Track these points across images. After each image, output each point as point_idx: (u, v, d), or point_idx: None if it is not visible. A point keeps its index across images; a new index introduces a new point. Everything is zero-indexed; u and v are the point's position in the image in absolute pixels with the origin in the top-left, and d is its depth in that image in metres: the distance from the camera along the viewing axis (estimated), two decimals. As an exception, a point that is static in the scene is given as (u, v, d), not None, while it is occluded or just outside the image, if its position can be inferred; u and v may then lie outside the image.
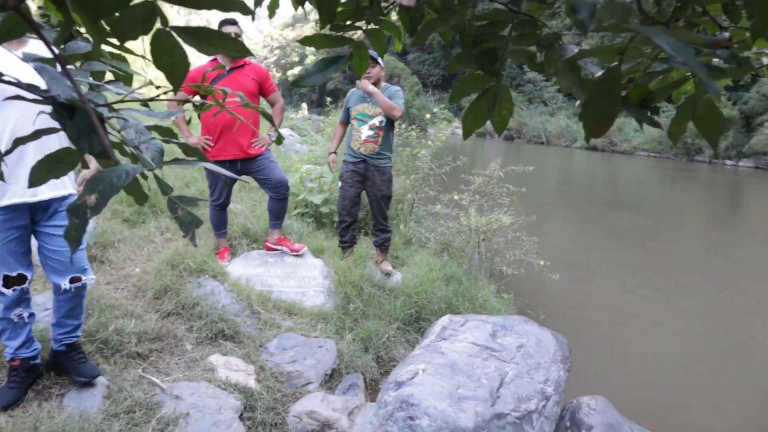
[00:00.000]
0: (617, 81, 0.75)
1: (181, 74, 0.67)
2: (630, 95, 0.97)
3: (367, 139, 4.39)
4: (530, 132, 42.10)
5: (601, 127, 0.77)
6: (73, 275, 2.63)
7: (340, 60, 1.03)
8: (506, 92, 0.99)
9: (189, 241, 0.65)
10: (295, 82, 1.04)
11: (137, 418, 2.59)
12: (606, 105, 0.76)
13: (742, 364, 4.81)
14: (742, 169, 27.95)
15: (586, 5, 0.57)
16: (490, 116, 1.02)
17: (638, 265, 7.82)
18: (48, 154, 0.89)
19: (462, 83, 0.99)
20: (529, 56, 0.95)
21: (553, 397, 2.71)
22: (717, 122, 0.84)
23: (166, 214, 5.04)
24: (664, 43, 0.55)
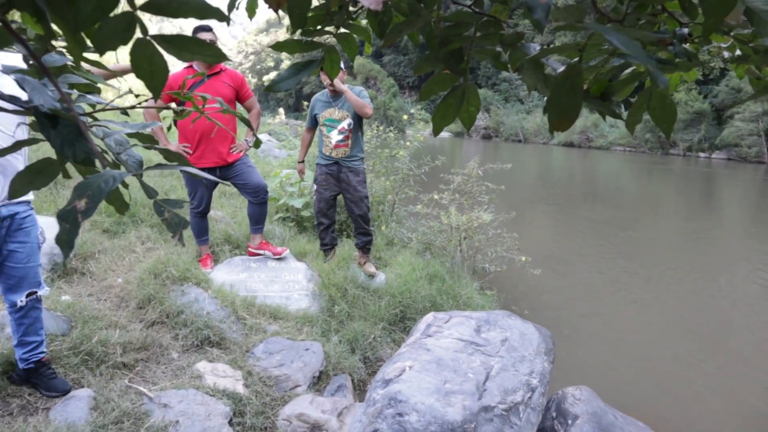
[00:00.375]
0: (578, 76, 0.79)
1: (160, 82, 0.70)
2: (591, 89, 1.02)
3: (337, 144, 4.43)
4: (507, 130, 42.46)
5: (565, 121, 0.81)
6: (29, 290, 2.61)
7: (313, 64, 1.06)
8: (473, 90, 1.03)
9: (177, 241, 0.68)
10: (270, 87, 1.07)
11: (126, 428, 2.58)
12: (569, 99, 0.80)
13: (721, 351, 4.92)
14: (715, 160, 28.53)
15: (541, 6, 0.61)
16: (458, 113, 1.06)
17: (618, 257, 7.95)
18: (29, 165, 0.91)
19: (430, 83, 1.03)
20: (494, 55, 0.99)
21: (538, 388, 2.76)
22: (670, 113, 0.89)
23: (146, 224, 5.02)
24: (615, 39, 0.59)
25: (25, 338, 2.67)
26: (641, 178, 20.47)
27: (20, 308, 2.60)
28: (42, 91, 0.74)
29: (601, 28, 0.62)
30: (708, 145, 30.58)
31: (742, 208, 13.93)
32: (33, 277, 2.62)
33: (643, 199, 14.64)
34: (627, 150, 33.32)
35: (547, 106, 0.82)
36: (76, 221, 0.66)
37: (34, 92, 0.73)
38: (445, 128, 1.07)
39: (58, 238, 0.68)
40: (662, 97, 0.88)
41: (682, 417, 3.89)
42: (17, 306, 2.59)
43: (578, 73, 0.78)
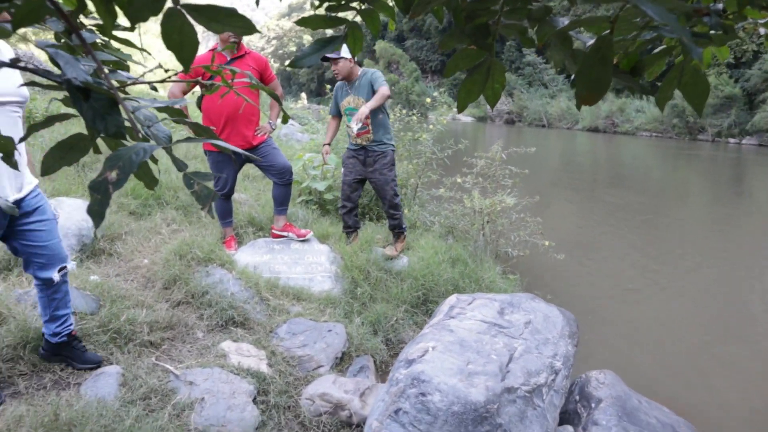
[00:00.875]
0: (609, 49, 0.78)
1: (190, 53, 0.70)
2: (621, 63, 1.00)
3: (359, 132, 4.42)
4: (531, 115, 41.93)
5: (594, 95, 0.80)
6: (60, 265, 2.67)
7: (336, 40, 1.06)
8: (499, 66, 1.02)
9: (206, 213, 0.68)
10: (293, 63, 1.07)
11: (153, 404, 2.64)
12: (598, 72, 0.79)
13: (748, 338, 4.85)
14: (745, 146, 27.81)
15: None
16: (483, 90, 1.05)
17: (643, 243, 7.84)
18: (60, 141, 0.92)
19: (456, 58, 1.02)
20: (521, 30, 0.97)
21: (562, 371, 2.75)
22: (702, 89, 0.87)
23: (171, 206, 5.09)
24: (649, 9, 0.58)
25: (57, 312, 2.73)
26: (668, 163, 20.09)
27: (52, 285, 2.66)
28: (75, 65, 0.75)
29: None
30: (738, 130, 29.79)
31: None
32: (60, 252, 2.68)
33: (670, 185, 14.38)
34: (653, 135, 32.67)
35: (575, 79, 0.80)
36: (107, 192, 0.68)
37: (67, 66, 0.74)
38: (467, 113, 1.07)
39: (90, 209, 0.69)
40: (695, 72, 0.86)
41: (708, 403, 3.85)
42: (54, 282, 2.65)
43: (609, 44, 0.77)
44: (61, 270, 2.67)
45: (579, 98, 0.82)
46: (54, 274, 2.63)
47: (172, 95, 3.94)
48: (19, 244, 2.56)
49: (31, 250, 2.58)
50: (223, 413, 2.66)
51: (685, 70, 0.88)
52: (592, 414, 2.76)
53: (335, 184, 6.00)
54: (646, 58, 0.98)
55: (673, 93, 0.93)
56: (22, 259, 2.60)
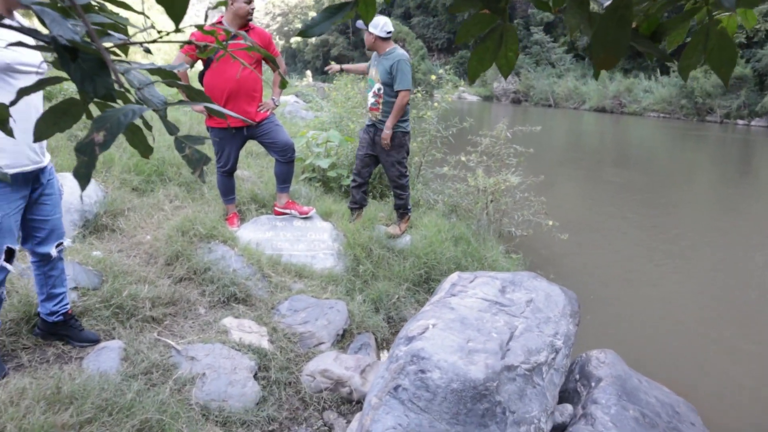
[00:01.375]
0: (629, 8, 0.73)
1: (181, 8, 0.67)
2: (640, 27, 0.95)
3: (371, 107, 4.44)
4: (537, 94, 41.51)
5: (611, 58, 0.76)
6: (58, 241, 2.66)
7: (346, 6, 1.01)
8: (512, 32, 0.97)
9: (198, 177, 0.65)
10: (303, 32, 1.02)
11: (155, 378, 2.65)
12: (616, 33, 0.74)
13: (749, 322, 4.83)
14: (755, 128, 27.50)
15: None
16: (496, 58, 1.01)
17: (648, 224, 7.80)
18: (52, 106, 0.89)
19: (467, 23, 0.97)
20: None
21: (562, 350, 2.73)
22: (730, 54, 0.82)
23: (174, 182, 5.06)
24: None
25: (54, 290, 2.72)
26: (675, 144, 19.91)
27: (49, 261, 2.65)
28: (62, 23, 0.71)
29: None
30: (747, 111, 29.40)
31: (780, 176, 13.48)
32: (60, 228, 2.67)
33: (677, 165, 14.26)
34: (661, 116, 32.31)
35: (591, 41, 0.76)
36: (93, 153, 0.65)
37: (53, 23, 0.70)
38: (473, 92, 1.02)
39: (76, 171, 0.66)
40: (721, 36, 0.81)
41: (707, 384, 3.85)
42: (51, 257, 2.64)
43: (628, 4, 0.72)
44: (58, 246, 2.66)
45: (595, 61, 0.78)
46: (52, 249, 2.62)
47: (177, 58, 3.91)
48: (26, 217, 2.55)
49: (34, 223, 2.57)
50: (224, 388, 2.66)
51: (710, 34, 0.83)
52: (591, 393, 2.75)
53: (339, 162, 5.95)
54: (667, 21, 0.93)
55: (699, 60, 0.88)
56: (21, 233, 2.58)
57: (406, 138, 4.45)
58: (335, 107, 8.43)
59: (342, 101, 8.27)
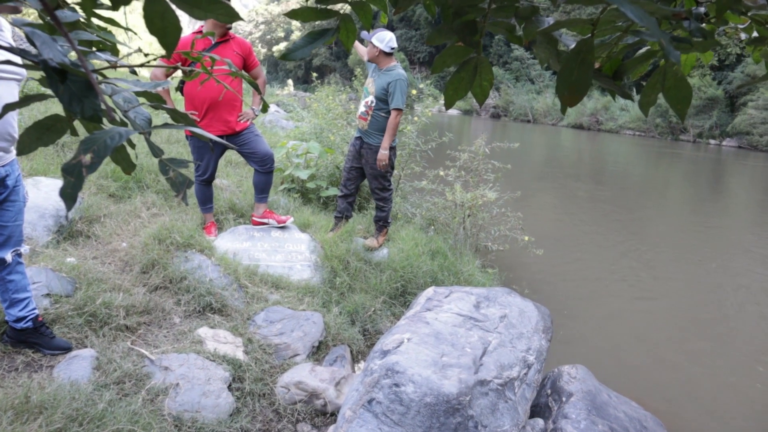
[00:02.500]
0: (590, 52, 0.78)
1: (173, 39, 0.69)
2: (603, 67, 1.01)
3: (360, 115, 4.47)
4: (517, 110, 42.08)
5: (574, 96, 0.81)
6: (14, 248, 2.64)
7: (328, 33, 1.05)
8: (486, 64, 1.02)
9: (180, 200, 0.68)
10: (284, 56, 1.06)
11: (127, 388, 2.63)
12: (579, 74, 0.79)
13: (719, 338, 4.95)
14: (726, 148, 28.25)
15: (555, -24, 0.60)
16: (471, 87, 1.05)
17: (621, 240, 7.95)
18: (37, 122, 0.91)
19: (443, 55, 1.02)
20: (508, 28, 0.98)
21: (534, 365, 2.79)
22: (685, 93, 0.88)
23: (152, 189, 5.03)
24: (629, 12, 0.58)
25: (17, 296, 2.69)
26: (650, 162, 20.33)
27: (6, 266, 2.62)
28: (52, 46, 0.73)
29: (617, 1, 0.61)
30: (719, 132, 30.23)
31: (750, 196, 13.84)
32: (19, 235, 2.65)
33: (651, 183, 14.57)
34: (637, 134, 33.00)
35: (557, 81, 0.81)
36: (80, 175, 0.67)
37: (44, 46, 0.73)
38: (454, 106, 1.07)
39: (62, 191, 0.68)
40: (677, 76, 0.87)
41: (676, 399, 3.93)
42: (5, 263, 2.61)
43: (590, 48, 0.77)
44: (14, 252, 2.64)
45: (561, 99, 0.82)
46: (7, 254, 2.60)
47: (154, 77, 3.88)
48: None
49: None
50: (197, 399, 2.66)
51: (667, 74, 0.89)
52: (562, 408, 2.80)
53: (318, 173, 5.98)
54: (627, 62, 0.99)
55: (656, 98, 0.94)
56: None
57: (392, 152, 4.49)
58: (316, 118, 8.46)
59: (323, 112, 8.30)
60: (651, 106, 0.98)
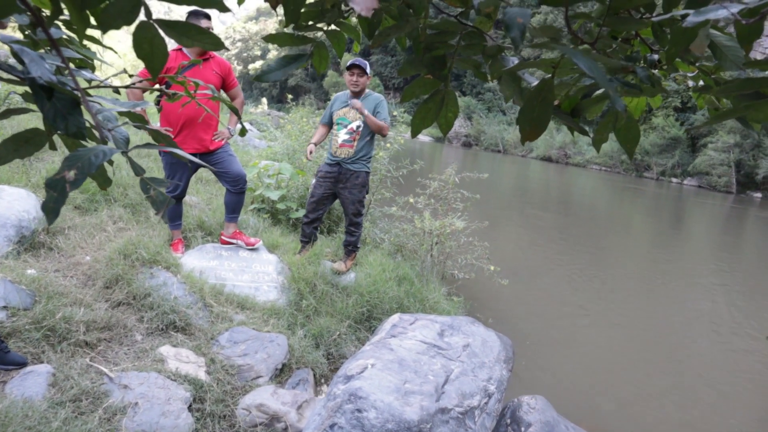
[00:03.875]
0: (550, 91, 0.84)
1: (159, 63, 0.73)
2: (562, 104, 1.07)
3: (343, 143, 4.45)
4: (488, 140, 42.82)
5: (534, 131, 0.87)
6: None
7: (302, 58, 1.10)
8: (452, 96, 1.08)
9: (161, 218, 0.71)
10: (258, 77, 1.10)
11: (84, 406, 2.57)
12: (539, 112, 0.85)
13: (677, 368, 5.07)
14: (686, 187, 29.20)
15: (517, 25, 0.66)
16: (437, 118, 1.11)
17: (585, 272, 8.12)
18: (16, 134, 0.93)
19: (413, 85, 1.08)
20: (476, 65, 1.04)
21: (495, 394, 2.83)
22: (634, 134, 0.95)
23: (119, 203, 4.97)
24: (581, 63, 0.64)
25: None
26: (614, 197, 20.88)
27: None
28: (40, 64, 0.76)
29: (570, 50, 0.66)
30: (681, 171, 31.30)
31: (707, 233, 14.32)
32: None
33: (615, 218, 14.94)
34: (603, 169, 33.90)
35: (519, 116, 0.87)
36: (63, 190, 0.69)
37: (32, 64, 0.75)
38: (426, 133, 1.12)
39: (44, 206, 0.70)
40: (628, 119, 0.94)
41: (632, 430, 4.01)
42: None
43: (550, 88, 0.83)
44: None
45: (522, 133, 0.88)
46: None
47: (131, 93, 3.87)
48: None
49: None
50: (156, 419, 2.61)
51: (619, 116, 0.96)
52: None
53: (289, 194, 5.99)
54: (584, 102, 1.06)
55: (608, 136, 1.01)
56: None
57: (368, 177, 4.56)
58: (289, 139, 8.49)
59: (296, 134, 8.34)
60: (603, 143, 1.05)
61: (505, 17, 0.67)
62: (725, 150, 28.65)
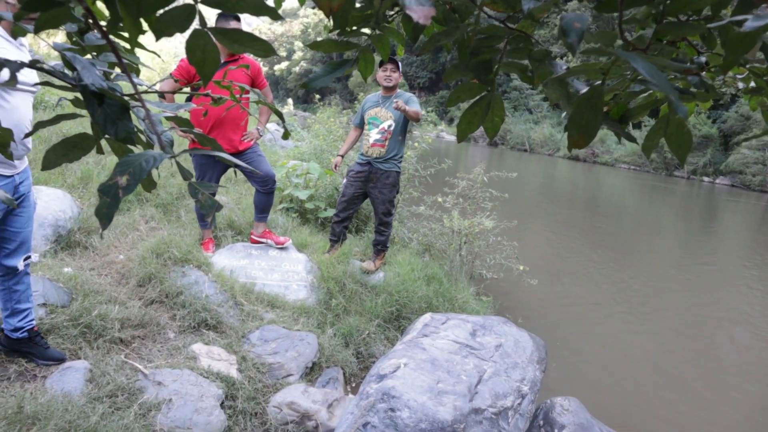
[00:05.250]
0: (600, 98, 0.83)
1: (211, 69, 0.73)
2: (611, 111, 1.05)
3: (374, 143, 4.48)
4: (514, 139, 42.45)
5: (583, 139, 0.85)
6: (25, 255, 2.65)
7: (347, 63, 1.09)
8: (499, 101, 1.07)
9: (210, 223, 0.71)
10: (305, 84, 1.10)
11: (119, 402, 2.62)
12: (589, 119, 0.84)
13: (711, 374, 4.96)
14: (718, 186, 28.52)
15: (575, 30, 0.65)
16: (483, 122, 1.10)
17: (615, 273, 7.99)
18: (65, 138, 0.94)
19: (458, 90, 1.07)
20: (521, 69, 1.02)
21: (528, 395, 2.80)
22: (686, 140, 0.93)
23: (151, 203, 5.05)
24: (641, 67, 0.62)
25: (19, 306, 2.69)
26: (644, 196, 20.51)
27: (16, 274, 2.63)
28: (91, 71, 0.77)
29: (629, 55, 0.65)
30: (713, 170, 30.57)
31: (741, 234, 13.97)
32: (29, 242, 2.67)
33: (645, 217, 14.68)
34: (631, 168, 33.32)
35: (568, 123, 0.85)
36: (116, 196, 0.70)
37: (84, 71, 0.76)
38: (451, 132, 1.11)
39: (98, 211, 0.71)
40: (679, 124, 0.91)
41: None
42: (17, 271, 2.62)
43: (600, 94, 0.82)
44: (25, 259, 2.65)
45: (571, 140, 0.87)
46: (19, 262, 2.62)
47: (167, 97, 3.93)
48: None
49: (5, 234, 2.56)
50: (189, 416, 2.65)
51: (670, 121, 0.93)
52: (555, 440, 2.81)
53: (317, 194, 6.02)
54: (633, 108, 1.03)
55: (659, 142, 0.99)
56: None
57: (399, 177, 4.56)
58: (316, 139, 8.53)
59: (324, 134, 8.38)
60: (654, 149, 1.02)
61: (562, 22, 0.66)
62: (760, 148, 27.89)
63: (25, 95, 2.40)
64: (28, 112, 2.43)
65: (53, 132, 6.02)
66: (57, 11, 0.68)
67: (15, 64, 0.73)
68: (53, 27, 0.77)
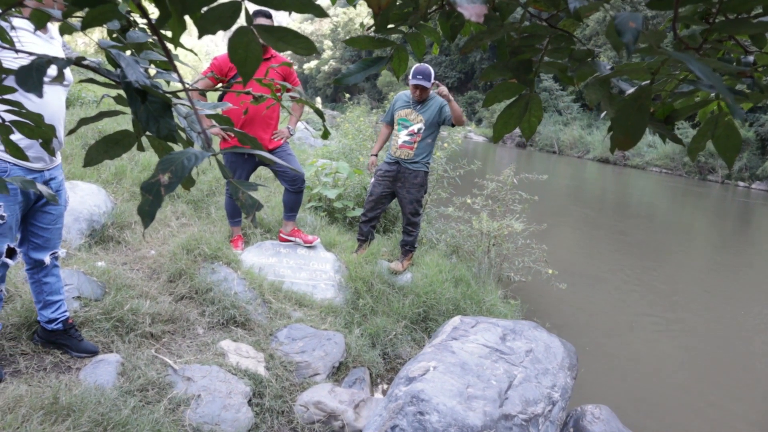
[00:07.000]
0: (648, 98, 0.80)
1: (252, 68, 0.73)
2: (656, 112, 1.02)
3: (403, 144, 4.48)
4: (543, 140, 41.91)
5: (629, 140, 0.83)
6: (53, 250, 2.70)
7: (381, 61, 1.09)
8: (537, 101, 1.05)
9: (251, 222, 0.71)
10: (338, 80, 1.10)
11: (150, 396, 2.66)
12: (636, 120, 0.81)
13: (745, 381, 4.83)
14: (755, 191, 27.74)
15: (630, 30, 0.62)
16: (520, 122, 1.08)
17: (646, 278, 7.83)
18: (106, 136, 0.95)
19: (496, 90, 1.05)
20: (562, 68, 1.00)
21: (559, 402, 2.75)
22: (735, 143, 0.90)
23: (182, 200, 5.12)
24: (696, 69, 0.60)
25: (51, 298, 2.75)
26: (676, 201, 20.08)
27: (44, 267, 2.68)
28: (135, 68, 0.78)
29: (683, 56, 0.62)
30: (749, 174, 29.74)
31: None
32: (58, 238, 2.72)
33: (677, 222, 14.37)
34: (663, 172, 32.61)
35: (613, 124, 0.83)
36: (159, 194, 0.70)
37: (128, 68, 0.77)
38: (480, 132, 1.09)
39: (140, 209, 0.72)
40: (728, 126, 0.88)
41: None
42: (44, 264, 2.67)
43: (648, 95, 0.79)
44: (53, 254, 2.70)
45: (615, 142, 0.84)
46: (46, 257, 2.66)
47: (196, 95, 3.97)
48: (25, 220, 2.59)
49: (33, 228, 2.61)
50: (218, 412, 2.67)
51: (719, 123, 0.90)
52: (584, 448, 2.76)
53: (345, 193, 6.03)
54: (680, 109, 1.00)
55: (705, 144, 0.96)
56: (19, 236, 2.62)
57: (426, 177, 4.55)
58: (345, 138, 8.55)
59: (353, 133, 8.39)
60: (700, 151, 0.99)
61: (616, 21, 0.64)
62: (799, 152, 27.06)
63: (58, 90, 2.44)
64: (61, 107, 2.47)
65: (88, 128, 6.15)
66: (103, 8, 0.69)
67: (63, 61, 0.74)
68: (99, 24, 0.78)
